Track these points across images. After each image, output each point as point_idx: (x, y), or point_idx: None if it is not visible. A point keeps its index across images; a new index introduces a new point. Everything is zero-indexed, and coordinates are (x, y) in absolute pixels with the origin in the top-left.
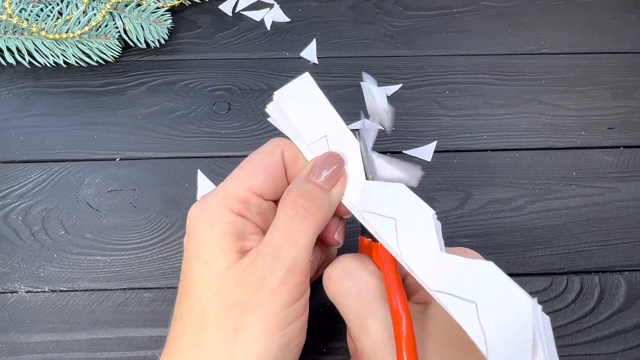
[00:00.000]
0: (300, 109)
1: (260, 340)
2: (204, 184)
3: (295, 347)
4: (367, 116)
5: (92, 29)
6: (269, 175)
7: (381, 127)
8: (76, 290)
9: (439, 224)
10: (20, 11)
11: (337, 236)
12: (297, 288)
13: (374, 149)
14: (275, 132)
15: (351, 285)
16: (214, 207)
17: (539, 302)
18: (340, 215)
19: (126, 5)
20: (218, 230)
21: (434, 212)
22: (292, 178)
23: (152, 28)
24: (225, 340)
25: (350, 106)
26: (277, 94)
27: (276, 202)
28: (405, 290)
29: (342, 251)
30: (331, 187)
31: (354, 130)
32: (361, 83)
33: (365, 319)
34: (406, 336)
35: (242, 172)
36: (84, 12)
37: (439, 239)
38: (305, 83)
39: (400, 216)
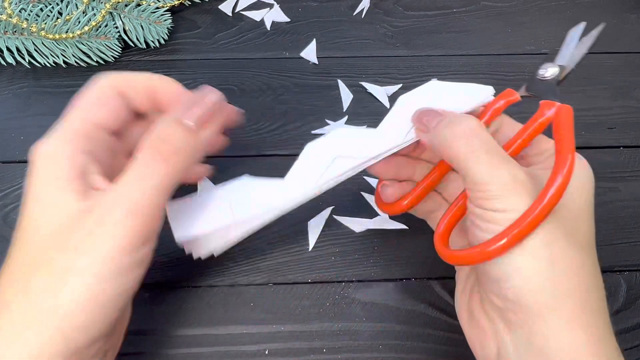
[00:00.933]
0: None
1: (90, 287)
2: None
3: (128, 297)
4: None
5: (92, 29)
6: (111, 107)
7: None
8: None
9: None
10: (20, 11)
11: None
12: (138, 233)
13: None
14: (276, 132)
15: (480, 143)
16: (55, 143)
17: None
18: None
19: (126, 5)
20: (58, 167)
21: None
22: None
23: (152, 28)
24: (53, 285)
25: (350, 106)
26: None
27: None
28: None
29: None
30: (199, 126)
31: None
32: None
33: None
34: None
35: (82, 105)
36: (83, 12)
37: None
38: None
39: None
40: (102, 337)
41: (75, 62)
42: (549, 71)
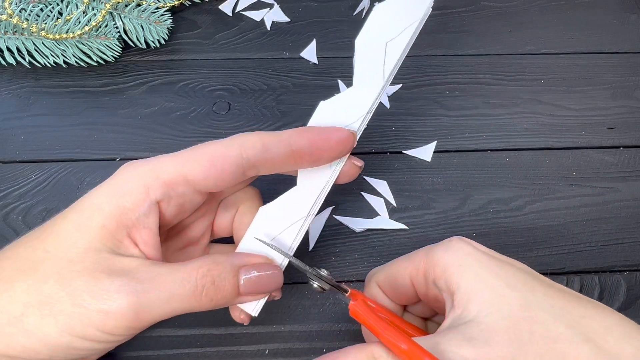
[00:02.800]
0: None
1: (56, 327)
2: None
3: (77, 355)
4: None
5: (92, 29)
6: (212, 166)
7: None
8: None
9: None
10: (20, 11)
11: (243, 316)
12: (128, 329)
13: None
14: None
15: None
16: (135, 179)
17: None
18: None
19: (126, 5)
20: (116, 204)
21: None
22: (263, 166)
23: (152, 28)
24: (30, 301)
25: None
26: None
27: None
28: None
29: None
30: (245, 294)
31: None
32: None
33: None
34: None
35: (188, 153)
36: (84, 12)
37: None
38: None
39: None
40: None
41: (76, 62)
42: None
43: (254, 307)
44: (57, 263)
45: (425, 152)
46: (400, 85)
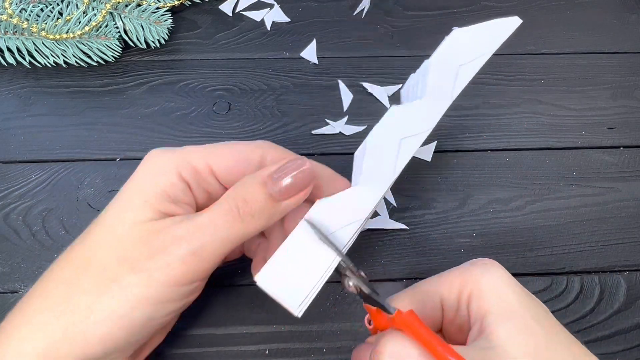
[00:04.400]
0: None
1: (129, 302)
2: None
3: (158, 326)
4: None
5: (92, 29)
6: (236, 164)
7: None
8: None
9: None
10: (20, 11)
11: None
12: (191, 273)
13: None
14: (276, 132)
15: None
16: (165, 161)
17: None
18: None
19: (126, 6)
20: (154, 183)
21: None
22: None
23: (152, 28)
24: (96, 289)
25: (350, 106)
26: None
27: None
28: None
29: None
30: (283, 199)
31: None
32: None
33: None
34: None
35: (214, 147)
36: (84, 12)
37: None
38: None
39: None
40: (119, 354)
41: (76, 62)
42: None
43: (298, 305)
44: (109, 246)
45: (425, 152)
46: (400, 85)
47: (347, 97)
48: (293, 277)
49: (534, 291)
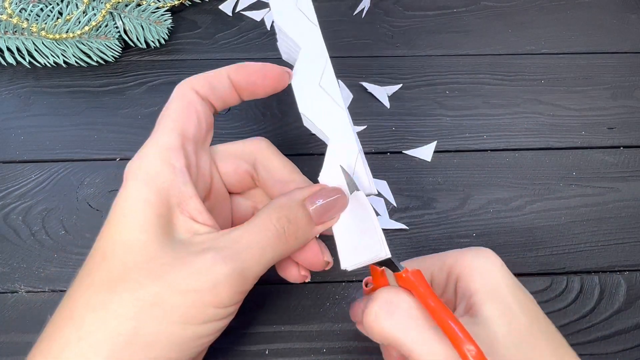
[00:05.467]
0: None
1: (175, 323)
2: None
3: (199, 347)
4: None
5: (92, 29)
6: (196, 115)
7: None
8: None
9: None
10: (20, 11)
11: (326, 257)
12: (233, 296)
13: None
14: (276, 132)
15: (404, 316)
16: (152, 161)
17: (539, 302)
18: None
19: (126, 5)
20: (154, 189)
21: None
22: (224, 99)
23: (152, 28)
24: (138, 310)
25: (350, 106)
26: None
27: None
28: None
29: None
30: (319, 223)
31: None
32: None
33: (425, 353)
34: None
35: (167, 119)
36: (84, 12)
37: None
38: None
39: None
40: None
41: (76, 62)
42: None
43: (383, 250)
44: (142, 266)
45: (425, 152)
46: (400, 85)
47: (347, 97)
48: (361, 238)
49: (534, 291)
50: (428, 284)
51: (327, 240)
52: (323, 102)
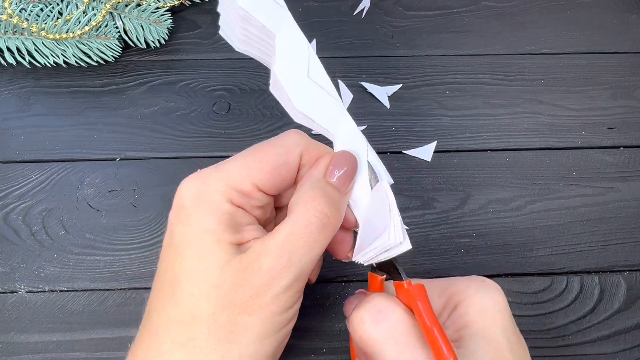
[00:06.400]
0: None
1: (255, 343)
2: None
3: (282, 348)
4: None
5: (92, 29)
6: (278, 175)
7: None
8: (76, 290)
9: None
10: (20, 11)
11: (350, 254)
12: (298, 294)
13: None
14: (276, 132)
15: (388, 328)
16: (213, 193)
17: (539, 302)
18: (348, 227)
19: (126, 5)
20: (215, 220)
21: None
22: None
23: (152, 28)
24: (218, 341)
25: (350, 106)
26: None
27: (276, 196)
28: None
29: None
30: (346, 191)
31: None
32: None
33: None
34: None
35: (252, 161)
36: (84, 12)
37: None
38: None
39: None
40: None
41: (76, 62)
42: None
43: (404, 240)
44: (210, 296)
45: (425, 152)
46: (400, 85)
47: (347, 97)
48: (380, 229)
49: (534, 291)
50: (429, 301)
51: None
52: (316, 95)
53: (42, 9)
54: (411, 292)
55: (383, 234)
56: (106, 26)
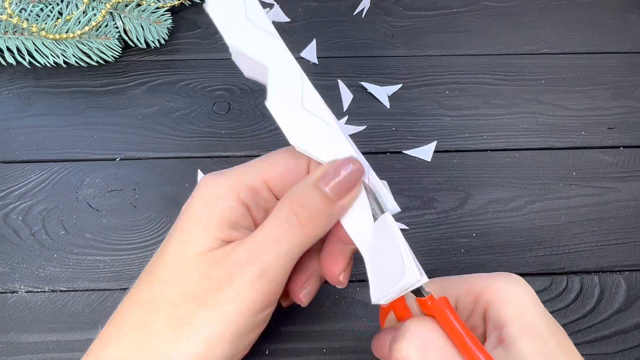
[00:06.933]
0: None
1: (207, 342)
2: None
3: (238, 358)
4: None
5: (92, 29)
6: (288, 176)
7: None
8: (76, 290)
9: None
10: (20, 11)
11: (342, 277)
12: (263, 298)
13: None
14: (276, 132)
15: (437, 354)
16: (221, 186)
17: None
18: (347, 242)
19: (126, 5)
20: (212, 210)
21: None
22: None
23: (152, 28)
24: (171, 332)
25: (350, 106)
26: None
27: None
28: None
29: None
30: (338, 198)
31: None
32: None
33: None
34: None
35: (264, 162)
36: (84, 12)
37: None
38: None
39: None
40: None
41: (76, 62)
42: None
43: (417, 273)
44: (175, 284)
45: (425, 152)
46: (400, 85)
47: (347, 97)
48: (390, 265)
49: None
50: (456, 313)
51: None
52: (313, 126)
53: (42, 9)
54: (437, 307)
55: (398, 276)
56: (106, 26)
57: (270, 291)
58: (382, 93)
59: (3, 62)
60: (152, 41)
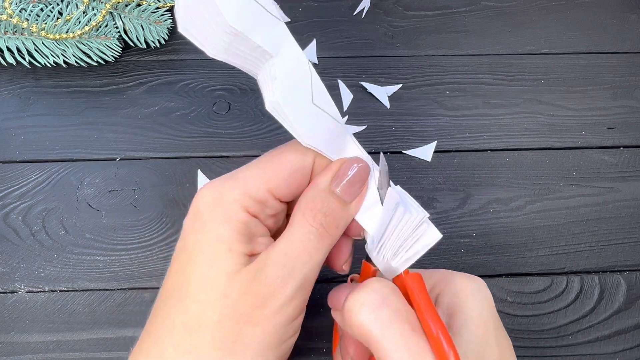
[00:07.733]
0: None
1: (258, 356)
2: (204, 183)
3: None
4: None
5: (92, 29)
6: (294, 180)
7: None
8: (76, 290)
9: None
10: (20, 11)
11: (345, 266)
12: (301, 305)
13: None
14: (276, 132)
15: (390, 315)
16: (230, 202)
17: (539, 302)
18: (351, 235)
19: (126, 5)
20: (229, 228)
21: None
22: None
23: (152, 28)
24: (222, 351)
25: (350, 106)
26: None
27: (289, 203)
28: None
29: None
30: (351, 200)
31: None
32: None
33: (410, 354)
34: None
35: (267, 168)
36: (84, 12)
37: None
38: None
39: None
40: None
41: (76, 62)
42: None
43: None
44: (216, 304)
45: (425, 152)
46: (400, 85)
47: (347, 97)
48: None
49: (534, 291)
50: (426, 289)
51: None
52: (322, 124)
53: (42, 9)
54: (408, 280)
55: (405, 216)
56: (106, 26)
57: (306, 298)
58: (382, 93)
59: (3, 62)
60: (152, 41)
